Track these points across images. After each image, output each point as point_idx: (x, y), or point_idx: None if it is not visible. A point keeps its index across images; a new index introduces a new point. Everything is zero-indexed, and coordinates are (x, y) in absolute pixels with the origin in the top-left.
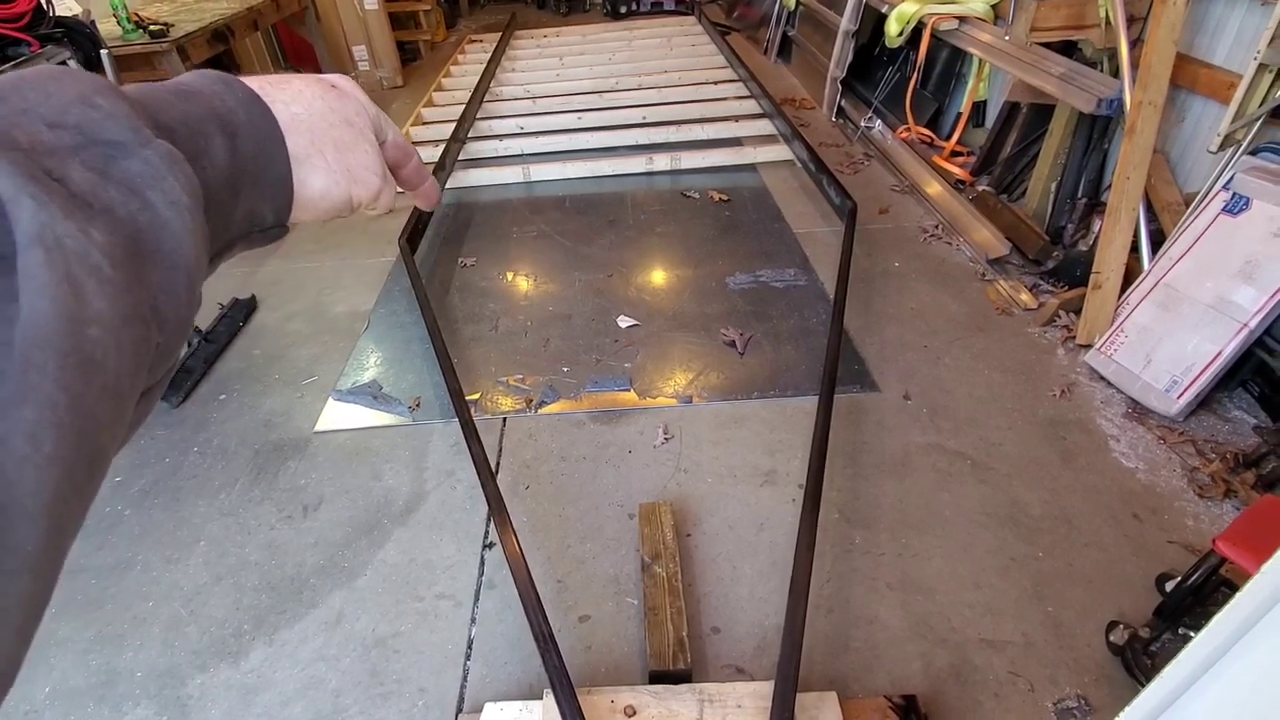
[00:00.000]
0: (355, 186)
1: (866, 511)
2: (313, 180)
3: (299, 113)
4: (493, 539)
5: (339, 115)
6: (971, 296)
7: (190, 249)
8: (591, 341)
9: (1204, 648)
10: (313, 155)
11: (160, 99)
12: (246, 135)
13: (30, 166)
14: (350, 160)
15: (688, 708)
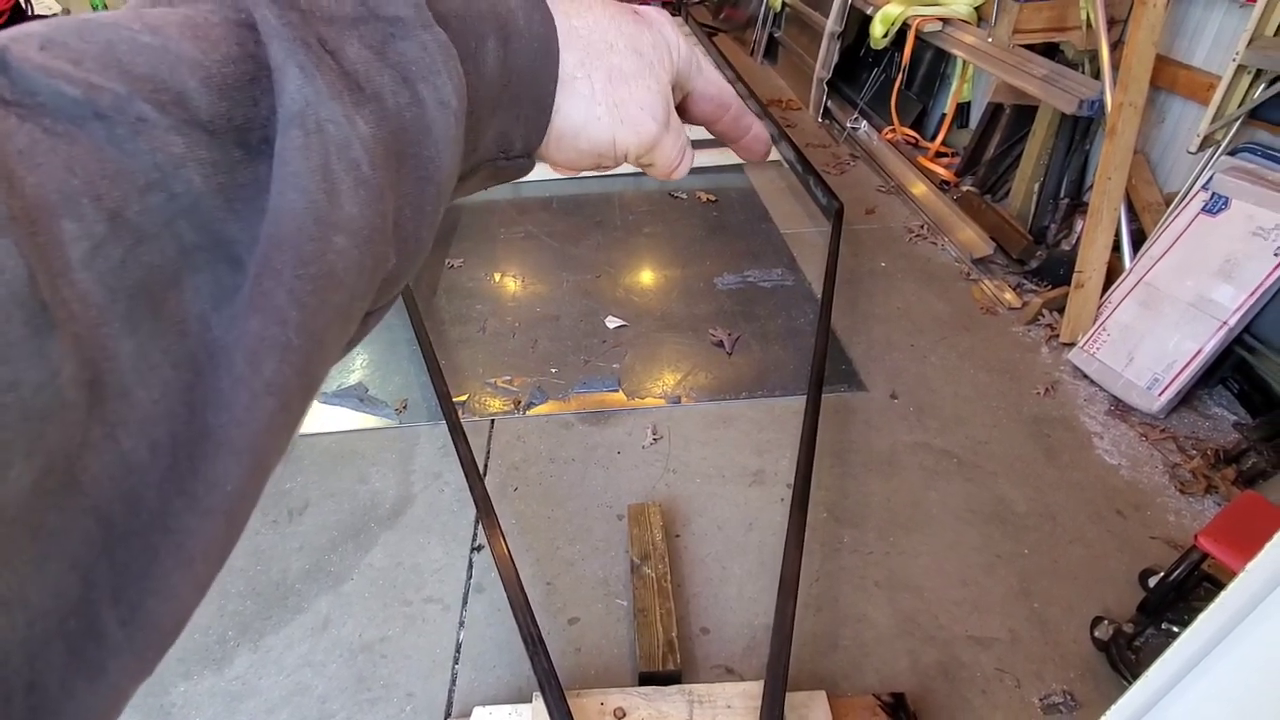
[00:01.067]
0: (622, 128)
1: (854, 510)
2: (571, 108)
3: (578, 26)
4: (481, 541)
5: (628, 41)
6: (957, 296)
7: (449, 160)
8: (580, 342)
9: (1189, 646)
10: (578, 78)
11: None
12: (521, 44)
13: (305, 32)
14: (623, 94)
15: (677, 709)
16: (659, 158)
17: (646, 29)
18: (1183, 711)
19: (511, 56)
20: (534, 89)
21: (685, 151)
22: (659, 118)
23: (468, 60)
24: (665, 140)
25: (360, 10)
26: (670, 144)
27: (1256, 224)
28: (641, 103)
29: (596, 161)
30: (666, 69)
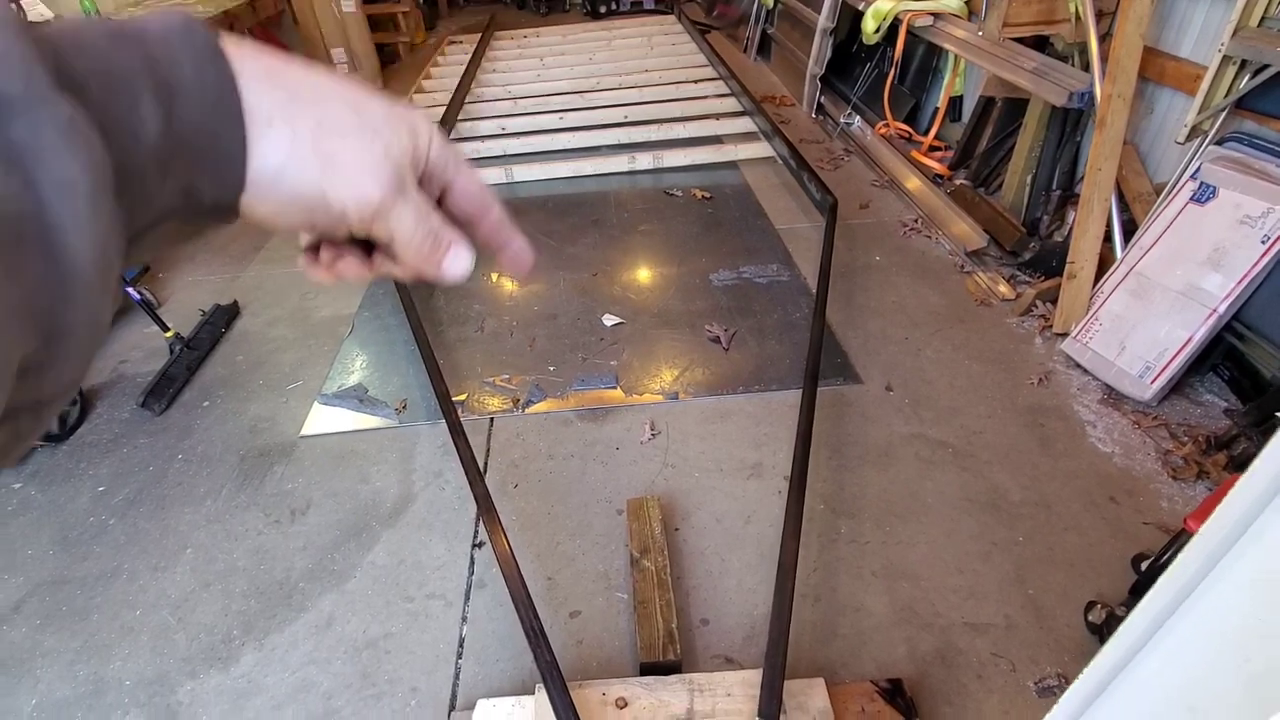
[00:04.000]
0: (333, 182)
1: (851, 501)
2: (269, 152)
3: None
4: (482, 538)
5: (348, 100)
6: (951, 289)
7: (81, 238)
8: (577, 340)
9: (1157, 602)
10: (277, 121)
11: (83, 41)
12: (190, 99)
13: None
14: (335, 146)
15: (678, 697)
16: (397, 230)
17: (381, 104)
18: (1154, 665)
19: (180, 111)
20: (216, 141)
21: (439, 238)
22: (383, 182)
23: (120, 124)
24: (399, 210)
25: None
26: (408, 217)
27: (1244, 212)
28: (359, 161)
29: (309, 216)
30: (401, 144)
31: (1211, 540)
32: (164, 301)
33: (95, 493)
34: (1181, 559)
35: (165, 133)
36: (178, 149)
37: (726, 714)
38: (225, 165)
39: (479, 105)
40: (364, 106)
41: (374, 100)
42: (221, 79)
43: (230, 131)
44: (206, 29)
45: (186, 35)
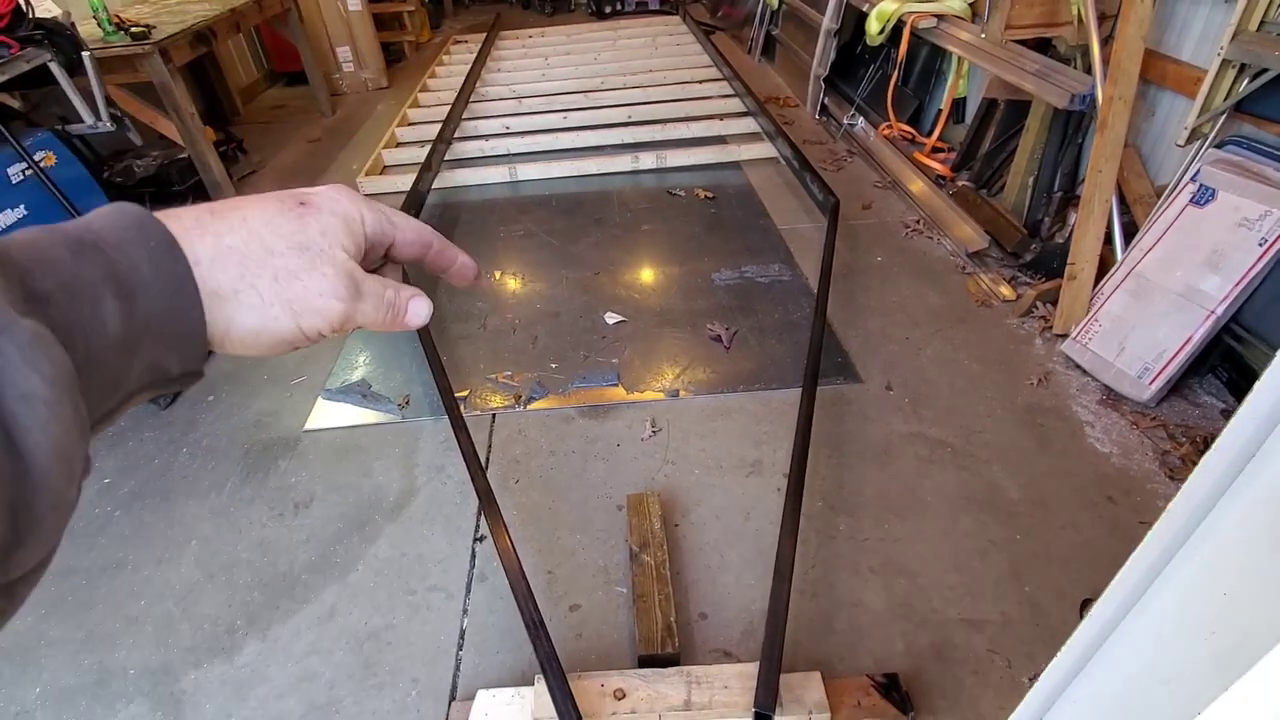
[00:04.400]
0: (305, 318)
1: (850, 499)
2: (244, 318)
3: (233, 244)
4: (483, 532)
5: (291, 240)
6: (952, 289)
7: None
8: (579, 338)
9: (1129, 580)
10: (241, 291)
11: (47, 259)
12: (150, 293)
13: None
14: (295, 290)
15: (676, 689)
16: (365, 321)
17: (314, 217)
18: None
19: (141, 305)
20: (177, 324)
21: (397, 307)
22: (342, 295)
23: (81, 326)
24: (361, 308)
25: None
26: (370, 309)
27: (1242, 215)
28: (320, 290)
29: (293, 347)
30: (347, 245)
31: (1177, 521)
32: None
33: (101, 485)
34: (1149, 539)
35: (128, 325)
36: (141, 336)
37: (724, 706)
38: (188, 342)
39: (483, 104)
40: (305, 237)
41: (309, 220)
42: (177, 269)
43: (190, 313)
44: (158, 223)
45: (141, 234)
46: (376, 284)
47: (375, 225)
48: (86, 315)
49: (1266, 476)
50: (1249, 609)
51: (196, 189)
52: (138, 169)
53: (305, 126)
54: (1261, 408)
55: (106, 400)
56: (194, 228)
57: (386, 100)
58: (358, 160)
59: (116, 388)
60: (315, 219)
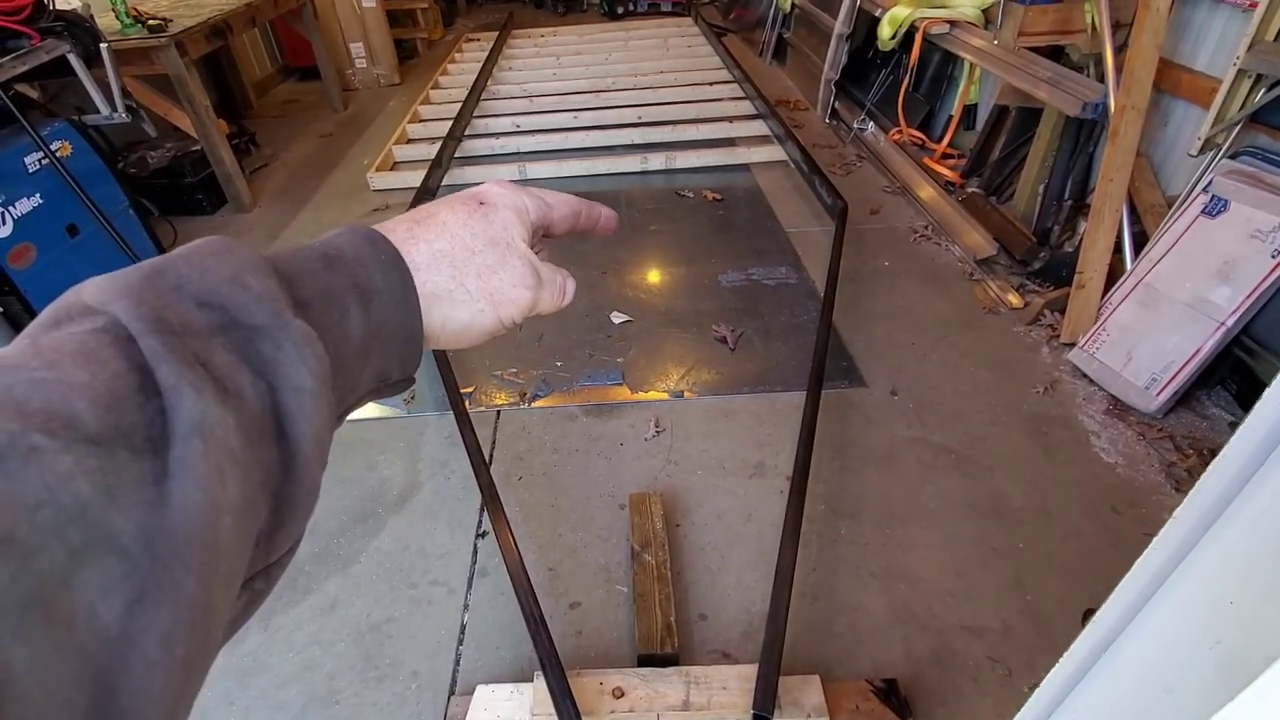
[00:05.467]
0: (503, 308)
1: (852, 503)
2: (457, 314)
3: (442, 249)
4: (486, 528)
5: (484, 238)
6: (959, 295)
7: (309, 426)
8: (585, 337)
9: (1133, 587)
10: (454, 290)
11: (306, 270)
12: (382, 301)
13: (184, 351)
14: (495, 283)
15: (674, 689)
16: (543, 307)
17: (495, 214)
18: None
19: (375, 313)
20: (401, 330)
21: (564, 289)
22: (530, 284)
23: (335, 330)
24: (543, 295)
25: (224, 319)
26: (549, 295)
27: (1255, 226)
28: (513, 281)
29: (492, 335)
30: (524, 235)
31: (1183, 528)
32: None
33: None
34: (1155, 546)
35: (365, 330)
36: (374, 341)
37: (722, 707)
38: (410, 346)
39: (494, 103)
40: (493, 232)
41: (492, 217)
42: (403, 280)
43: (412, 318)
44: (385, 238)
45: (373, 249)
46: (548, 270)
47: (537, 211)
48: (337, 321)
49: (1274, 485)
50: (1255, 618)
51: (209, 181)
52: (151, 160)
53: (317, 121)
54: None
55: (343, 402)
56: (408, 238)
57: (398, 97)
58: (369, 155)
59: (351, 391)
60: (496, 215)
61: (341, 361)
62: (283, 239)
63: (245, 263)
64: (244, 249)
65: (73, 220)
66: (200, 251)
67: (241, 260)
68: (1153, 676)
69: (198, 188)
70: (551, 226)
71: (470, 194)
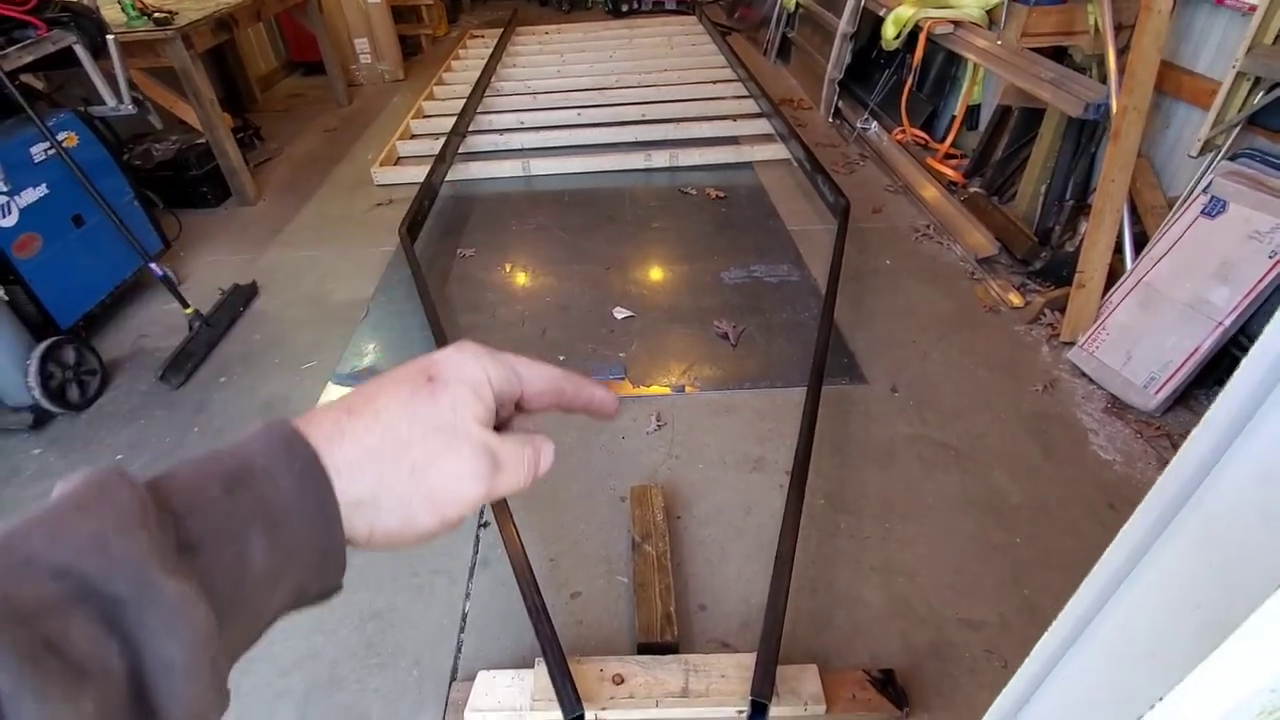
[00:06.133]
0: (446, 507)
1: (852, 498)
2: (384, 521)
3: (372, 445)
4: (487, 519)
5: (427, 424)
6: (960, 294)
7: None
8: (588, 332)
9: (1117, 555)
10: (381, 495)
11: (201, 500)
12: (293, 522)
13: (30, 644)
14: (434, 479)
15: (674, 676)
16: (504, 490)
17: (443, 394)
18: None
19: (283, 536)
20: (316, 548)
21: (534, 464)
22: (481, 473)
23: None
24: (501, 480)
25: (83, 589)
26: (510, 479)
27: (1253, 227)
28: (458, 474)
29: (436, 535)
30: (480, 415)
31: (1166, 495)
32: (183, 279)
33: (113, 461)
34: (1138, 514)
35: (272, 557)
36: (284, 566)
37: (721, 694)
38: (329, 561)
39: (498, 99)
40: (439, 415)
41: (440, 395)
42: (319, 492)
43: (332, 533)
44: (304, 442)
45: (288, 458)
46: (513, 445)
47: (502, 383)
48: (235, 556)
49: (1256, 449)
50: (1235, 581)
51: (213, 175)
52: (156, 153)
53: (321, 116)
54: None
55: (249, 632)
56: (334, 434)
57: (402, 92)
58: (373, 150)
59: (258, 619)
60: (445, 393)
61: (240, 598)
62: (286, 233)
63: (112, 517)
64: (121, 490)
65: (78, 211)
66: (63, 507)
67: (109, 514)
68: (1135, 643)
69: (202, 181)
70: (525, 401)
71: (420, 367)
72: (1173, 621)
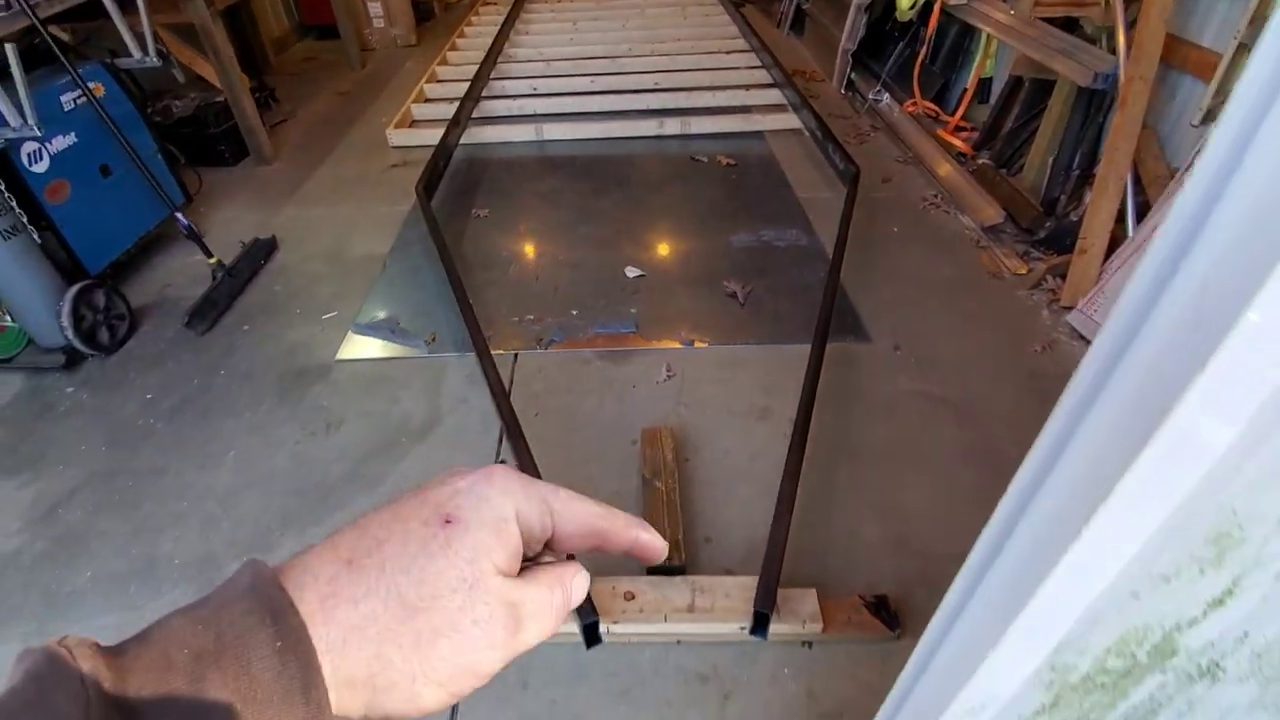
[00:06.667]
0: (457, 682)
1: (853, 447)
2: (383, 703)
3: (371, 612)
4: (505, 457)
5: (436, 585)
6: (965, 261)
7: None
8: (600, 289)
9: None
10: (379, 674)
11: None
12: (274, 709)
13: None
14: (443, 654)
15: (681, 594)
16: (528, 646)
17: (461, 539)
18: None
19: None
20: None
21: (563, 608)
22: (499, 641)
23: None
24: (523, 639)
25: None
26: (532, 634)
27: None
28: (472, 645)
29: (450, 705)
30: (501, 561)
31: (1084, 382)
32: (203, 234)
33: (143, 400)
34: (1063, 403)
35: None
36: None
37: (724, 611)
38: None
39: (511, 65)
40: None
41: (461, 539)
42: (306, 674)
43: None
44: (291, 609)
45: (272, 629)
46: (539, 592)
47: (531, 521)
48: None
49: (1190, 279)
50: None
51: (231, 133)
52: (176, 109)
53: (334, 79)
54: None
55: None
56: (328, 596)
57: (415, 58)
58: (387, 114)
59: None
60: (463, 540)
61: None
62: (303, 192)
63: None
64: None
65: (105, 161)
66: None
67: None
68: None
69: (220, 139)
70: (557, 543)
71: (438, 503)
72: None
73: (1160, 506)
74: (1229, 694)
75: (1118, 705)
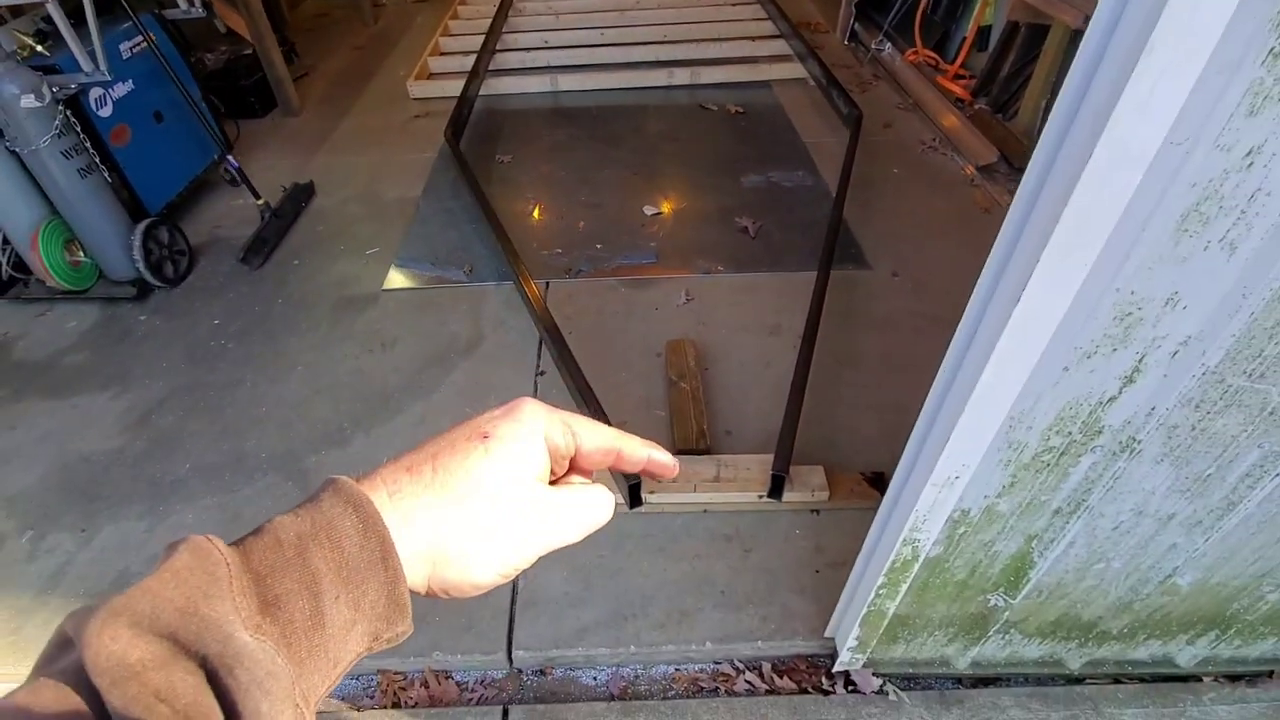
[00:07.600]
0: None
1: (854, 357)
2: (446, 574)
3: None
4: (545, 367)
5: (481, 481)
6: (960, 199)
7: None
8: (620, 225)
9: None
10: (438, 550)
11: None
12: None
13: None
14: (489, 535)
15: (707, 469)
16: (560, 543)
17: (499, 449)
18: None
19: (353, 590)
20: (381, 598)
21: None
22: (539, 528)
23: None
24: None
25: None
26: (563, 533)
27: None
28: (512, 529)
29: (502, 583)
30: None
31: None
32: None
33: (211, 324)
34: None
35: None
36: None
37: (745, 481)
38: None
39: (522, 19)
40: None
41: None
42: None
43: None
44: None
45: (357, 519)
46: (569, 499)
47: (557, 441)
48: (311, 611)
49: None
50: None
51: (260, 85)
52: (209, 62)
53: (349, 35)
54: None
55: (327, 677)
56: (395, 493)
57: (425, 13)
58: (403, 67)
59: (335, 664)
60: (501, 450)
61: (318, 645)
62: (334, 139)
63: (203, 584)
64: (212, 559)
65: (158, 107)
66: (163, 575)
67: (200, 581)
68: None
69: (250, 91)
70: (580, 460)
71: (477, 425)
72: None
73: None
74: (1148, 476)
75: (1060, 487)
